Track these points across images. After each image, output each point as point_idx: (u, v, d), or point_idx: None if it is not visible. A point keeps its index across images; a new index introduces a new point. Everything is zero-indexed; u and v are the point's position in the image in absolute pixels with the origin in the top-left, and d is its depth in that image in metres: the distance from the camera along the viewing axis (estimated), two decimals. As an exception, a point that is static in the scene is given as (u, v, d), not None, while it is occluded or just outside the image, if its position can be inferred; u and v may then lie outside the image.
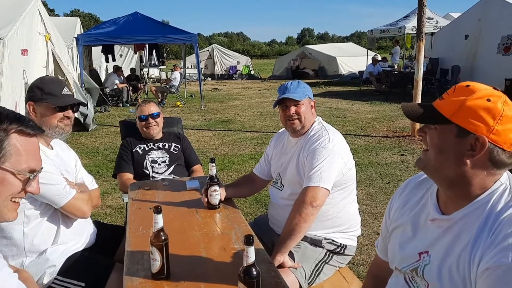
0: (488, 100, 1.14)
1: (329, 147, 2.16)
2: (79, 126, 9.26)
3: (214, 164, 2.27)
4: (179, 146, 3.34)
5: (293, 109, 2.27)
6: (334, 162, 2.13)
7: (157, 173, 3.18)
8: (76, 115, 8.71)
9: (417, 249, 1.32)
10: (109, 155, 7.01)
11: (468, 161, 1.16)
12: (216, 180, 2.27)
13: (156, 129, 3.31)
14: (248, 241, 1.30)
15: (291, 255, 2.12)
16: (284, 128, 2.47)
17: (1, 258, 1.18)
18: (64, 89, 2.13)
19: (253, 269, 1.33)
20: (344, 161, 2.19)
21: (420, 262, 1.29)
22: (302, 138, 2.32)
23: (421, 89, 7.82)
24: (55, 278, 2.01)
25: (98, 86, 11.76)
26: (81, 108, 8.97)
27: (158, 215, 1.58)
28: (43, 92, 2.07)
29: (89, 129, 9.18)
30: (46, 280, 2.00)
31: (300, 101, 2.27)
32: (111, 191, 5.22)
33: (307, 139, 2.27)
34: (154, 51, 17.53)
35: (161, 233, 1.59)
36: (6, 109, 1.21)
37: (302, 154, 2.24)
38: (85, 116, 9.10)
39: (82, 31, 13.50)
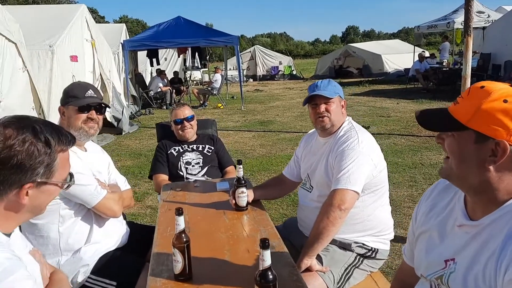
0: (505, 101, 1.07)
1: (358, 148, 2.10)
2: (119, 130, 9.61)
3: (241, 166, 2.27)
4: (213, 148, 3.37)
5: (323, 106, 2.23)
6: (363, 164, 2.06)
7: (191, 174, 3.22)
8: (109, 119, 9.04)
9: (443, 256, 1.25)
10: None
11: (491, 167, 1.10)
12: (243, 182, 2.26)
13: (191, 132, 3.36)
14: (264, 244, 1.28)
15: (319, 258, 2.07)
16: (313, 129, 2.43)
17: (19, 260, 1.21)
18: (88, 91, 2.20)
19: (269, 273, 1.31)
20: (374, 163, 2.12)
21: (446, 269, 1.23)
22: (331, 138, 2.27)
23: (469, 86, 7.48)
24: (88, 277, 2.08)
25: (135, 94, 12.18)
26: (115, 113, 9.28)
27: (179, 217, 1.59)
28: (68, 96, 2.16)
29: (123, 133, 9.47)
30: (80, 279, 2.07)
31: (330, 98, 2.23)
32: (152, 192, 5.34)
33: (336, 140, 2.22)
34: (196, 54, 17.82)
35: (183, 235, 1.60)
36: (47, 124, 1.31)
37: (331, 156, 2.19)
38: (119, 120, 9.40)
39: (128, 37, 13.94)
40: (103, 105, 2.25)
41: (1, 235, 1.22)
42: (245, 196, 2.27)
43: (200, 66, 19.93)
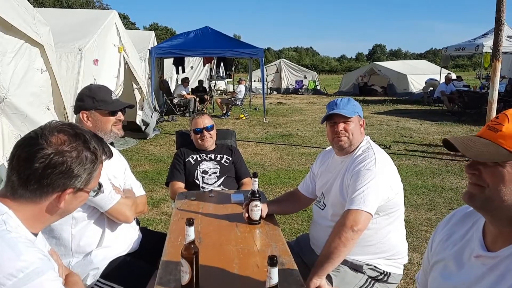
0: None
1: (374, 169, 2.06)
2: (142, 134, 9.73)
3: (256, 179, 2.25)
4: (231, 158, 3.37)
5: (341, 125, 2.20)
6: (378, 185, 2.02)
7: (207, 183, 3.22)
8: (138, 122, 9.17)
9: (459, 287, 1.21)
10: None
11: None
12: (258, 195, 2.25)
13: (210, 141, 3.38)
14: (272, 262, 1.27)
15: (329, 278, 2.04)
16: (331, 147, 2.41)
17: (49, 260, 1.23)
18: (112, 94, 2.25)
19: (276, 292, 1.29)
20: (390, 185, 2.08)
21: None
22: (348, 157, 2.24)
23: (495, 111, 7.33)
24: (98, 280, 2.09)
25: (158, 101, 12.40)
26: (144, 117, 9.40)
27: (190, 227, 1.59)
28: (95, 100, 2.18)
29: (148, 138, 9.59)
30: (89, 282, 2.08)
31: (349, 117, 2.20)
32: (168, 198, 5.36)
33: (353, 159, 2.18)
34: (222, 64, 17.98)
35: (192, 246, 1.59)
36: (93, 135, 1.37)
37: (346, 175, 2.16)
38: (147, 124, 9.50)
39: (156, 44, 14.17)
40: (130, 106, 2.30)
41: (30, 234, 1.25)
42: (258, 209, 2.25)
43: (224, 76, 20.08)
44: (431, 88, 17.21)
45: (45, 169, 1.23)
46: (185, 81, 14.29)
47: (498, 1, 7.13)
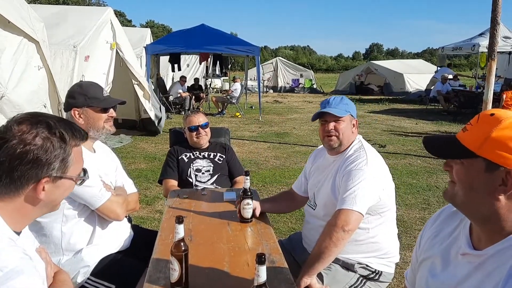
0: None
1: (366, 169, 2.05)
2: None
3: (248, 177, 2.25)
4: (224, 156, 3.36)
5: (332, 124, 2.20)
6: (370, 185, 2.02)
7: (200, 181, 3.21)
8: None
9: (446, 285, 1.22)
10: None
11: (501, 196, 1.07)
12: (249, 193, 2.24)
13: (205, 139, 3.37)
14: (260, 260, 1.26)
15: (320, 277, 2.03)
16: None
17: (30, 259, 1.20)
18: (103, 91, 2.24)
19: (264, 290, 1.28)
20: (382, 186, 2.07)
21: None
22: (339, 157, 2.23)
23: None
24: (88, 278, 2.08)
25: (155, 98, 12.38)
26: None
27: (179, 225, 1.58)
28: (86, 97, 2.16)
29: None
30: (79, 279, 2.07)
31: (340, 117, 2.19)
32: (162, 196, 5.34)
33: (344, 159, 2.17)
34: (218, 62, 17.91)
35: (182, 244, 1.59)
36: (60, 119, 1.33)
37: (338, 175, 2.15)
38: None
39: (152, 41, 14.11)
40: (122, 103, 2.29)
41: (12, 233, 1.23)
42: (250, 208, 2.24)
43: (220, 75, 20.03)
44: (433, 87, 17.17)
45: (12, 161, 1.20)
46: (182, 79, 14.26)
47: (494, 1, 7.15)
